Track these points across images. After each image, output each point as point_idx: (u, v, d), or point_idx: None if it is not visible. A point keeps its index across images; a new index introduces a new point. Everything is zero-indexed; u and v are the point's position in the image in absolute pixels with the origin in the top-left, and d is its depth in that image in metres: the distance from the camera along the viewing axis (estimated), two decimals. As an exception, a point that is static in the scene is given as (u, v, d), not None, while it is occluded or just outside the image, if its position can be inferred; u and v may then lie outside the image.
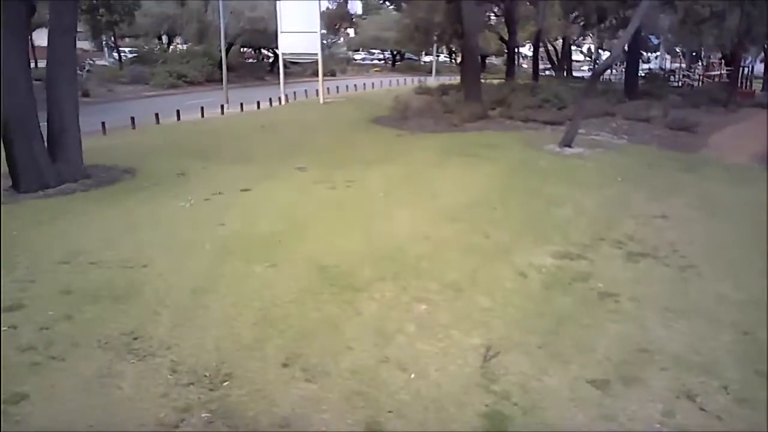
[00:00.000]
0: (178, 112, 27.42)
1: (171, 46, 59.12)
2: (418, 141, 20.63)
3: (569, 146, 18.85)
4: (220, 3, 34.02)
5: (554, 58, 68.91)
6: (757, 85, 50.04)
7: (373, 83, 46.51)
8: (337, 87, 39.54)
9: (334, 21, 31.96)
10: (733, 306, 9.15)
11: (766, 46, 46.05)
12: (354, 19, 71.99)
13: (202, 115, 28.46)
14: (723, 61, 50.76)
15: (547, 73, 72.87)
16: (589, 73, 67.13)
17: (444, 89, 35.46)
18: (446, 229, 11.45)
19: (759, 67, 55.70)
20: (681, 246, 11.48)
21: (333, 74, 58.80)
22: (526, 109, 25.09)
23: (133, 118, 24.87)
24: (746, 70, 44.92)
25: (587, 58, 79.51)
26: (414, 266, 9.63)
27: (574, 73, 74.53)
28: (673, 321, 8.62)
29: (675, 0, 26.05)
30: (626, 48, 28.12)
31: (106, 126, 23.75)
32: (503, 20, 44.79)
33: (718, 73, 46.31)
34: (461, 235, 11.17)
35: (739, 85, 39.75)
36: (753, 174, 17.41)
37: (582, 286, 9.62)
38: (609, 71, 40.84)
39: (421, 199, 13.25)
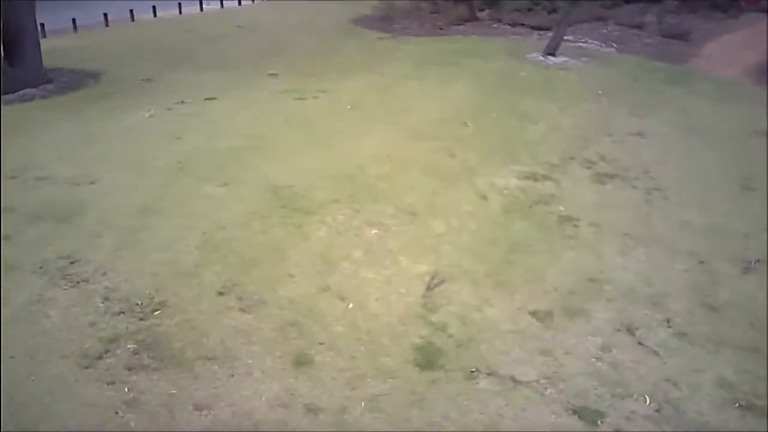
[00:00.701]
0: (153, 8, 26.18)
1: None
2: (399, 46, 19.81)
3: (553, 55, 18.12)
4: None
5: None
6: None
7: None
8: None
9: None
10: (695, 233, 9.01)
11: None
12: None
13: (180, 12, 27.24)
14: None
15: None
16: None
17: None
18: (412, 148, 11.11)
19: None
20: (653, 167, 11.22)
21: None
22: (515, 12, 23.98)
23: (105, 14, 23.74)
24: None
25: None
26: (371, 188, 9.38)
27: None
28: (630, 249, 8.51)
29: None
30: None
31: (78, 23, 22.69)
32: None
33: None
34: (426, 155, 10.85)
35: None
36: (740, 89, 16.87)
37: (542, 209, 9.43)
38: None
39: (390, 114, 12.80)
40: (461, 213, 8.98)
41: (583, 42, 20.77)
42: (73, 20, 22.58)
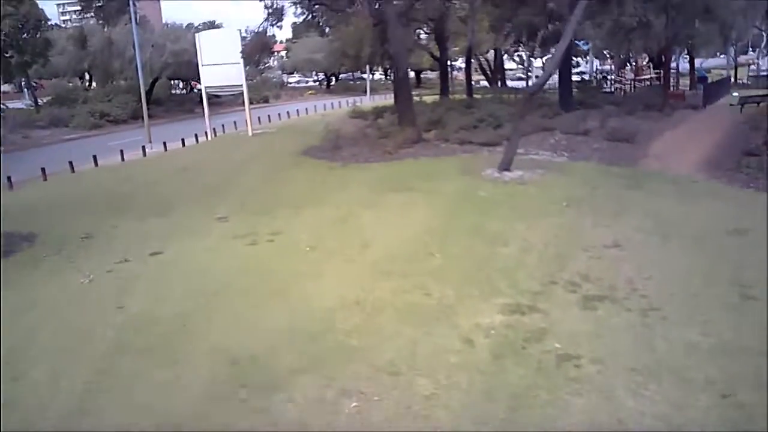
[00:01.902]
0: (94, 157, 25.38)
1: (92, 85, 56.46)
2: (351, 174, 19.31)
3: (508, 170, 17.84)
4: (135, 36, 32.22)
5: (487, 70, 68.94)
6: (683, 83, 50.94)
7: (306, 108, 45.08)
8: (269, 115, 37.95)
9: (256, 49, 30.43)
10: (705, 358, 8.07)
11: (689, 47, 46.79)
12: (283, 44, 70.65)
13: (122, 159, 26.54)
14: (651, 63, 51.43)
15: (482, 83, 72.97)
16: (524, 83, 67.74)
17: (378, 112, 34.32)
18: (381, 288, 10.12)
19: (683, 64, 56.84)
20: (640, 282, 10.44)
21: (266, 100, 57.21)
22: (461, 131, 24.09)
23: (43, 169, 22.81)
24: (671, 70, 45.41)
25: (520, 66, 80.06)
26: (342, 346, 8.25)
27: (509, 83, 74.91)
28: (641, 387, 7.48)
29: (603, 15, 25.70)
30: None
31: (14, 179, 21.66)
32: (434, 38, 44.15)
33: (648, 76, 46.73)
34: (398, 295, 9.85)
35: (668, 83, 40.03)
36: (697, 186, 16.73)
37: (537, 349, 8.41)
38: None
39: (352, 251, 11.90)
40: (448, 366, 7.88)
41: (535, 154, 20.73)
42: (9, 178, 21.58)
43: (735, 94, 43.99)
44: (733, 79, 58.17)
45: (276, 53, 71.53)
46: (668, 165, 19.24)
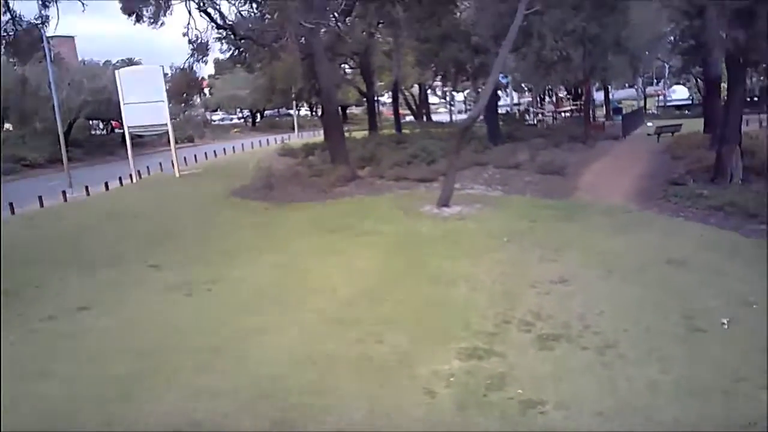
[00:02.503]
0: (11, 205, 23.66)
1: (4, 126, 53.53)
2: (287, 215, 18.75)
3: (447, 206, 17.78)
4: (50, 74, 30.74)
5: (413, 105, 69.98)
6: (599, 113, 53.11)
7: (233, 147, 44.13)
8: (195, 155, 36.82)
9: (181, 87, 29.56)
10: (668, 397, 7.98)
11: (604, 79, 48.87)
12: (206, 81, 69.40)
13: (41, 205, 24.89)
14: (570, 95, 53.50)
15: (408, 119, 73.91)
16: (447, 117, 69.09)
17: (309, 149, 33.83)
18: (333, 339, 9.63)
19: (597, 96, 59.38)
20: (591, 318, 10.38)
21: (191, 140, 55.67)
22: (395, 167, 23.98)
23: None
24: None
25: (442, 100, 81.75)
26: (297, 411, 7.69)
27: (433, 117, 76.24)
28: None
29: (525, 48, 26.37)
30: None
31: None
32: (359, 72, 44.41)
33: (569, 108, 48.48)
34: (352, 346, 9.38)
35: (589, 115, 41.59)
36: (631, 217, 17.12)
37: (499, 395, 8.11)
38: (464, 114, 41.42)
39: (298, 300, 11.36)
40: (411, 422, 7.46)
41: (470, 188, 20.81)
42: None
43: (650, 124, 46.19)
44: (643, 108, 61.22)
45: (194, 94, 70.23)
46: (600, 196, 19.67)
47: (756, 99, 49.47)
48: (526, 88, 66.12)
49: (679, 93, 70.92)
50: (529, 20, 25.10)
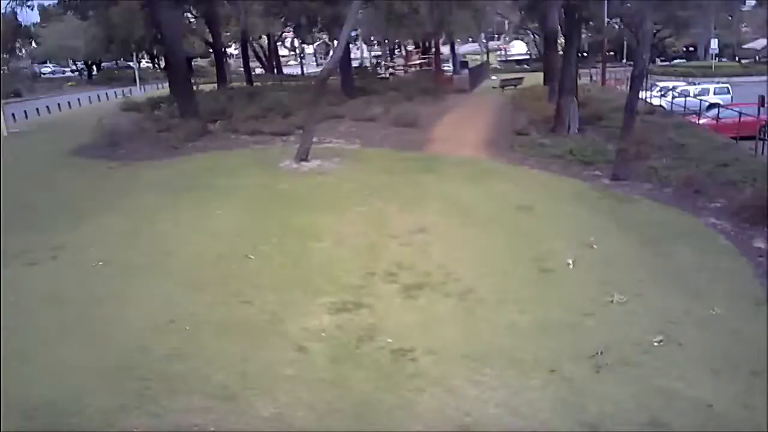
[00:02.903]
0: None
1: None
2: (135, 174, 17.54)
3: (306, 160, 17.50)
4: None
5: (262, 57, 67.94)
6: (446, 67, 54.67)
7: (69, 102, 40.38)
8: (25, 111, 33.31)
9: (7, 36, 26.29)
10: (526, 336, 8.54)
11: (450, 33, 50.19)
12: (32, 29, 62.66)
13: None
14: (419, 49, 54.38)
15: (258, 71, 71.66)
16: (298, 70, 67.86)
17: (154, 103, 31.74)
18: (196, 303, 9.24)
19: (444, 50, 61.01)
20: (452, 266, 10.77)
21: (18, 94, 50.29)
22: (249, 120, 23.17)
23: None
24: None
25: (292, 53, 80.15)
26: (164, 375, 7.35)
27: (284, 70, 74.57)
28: (477, 373, 7.68)
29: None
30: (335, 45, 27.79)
31: None
32: (204, 21, 42.10)
33: (418, 62, 49.29)
34: (217, 308, 9.08)
35: (438, 69, 42.67)
36: (483, 167, 17.86)
37: (371, 347, 8.26)
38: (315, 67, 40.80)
39: (154, 262, 10.74)
40: (285, 380, 7.40)
41: (328, 142, 20.63)
42: None
43: (494, 77, 48.36)
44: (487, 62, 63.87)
45: (28, 40, 63.23)
46: (452, 148, 20.30)
47: (586, 54, 53.27)
48: (375, 42, 66.45)
49: (518, 48, 74.83)
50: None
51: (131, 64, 61.20)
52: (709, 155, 16.91)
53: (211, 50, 47.24)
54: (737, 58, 65.26)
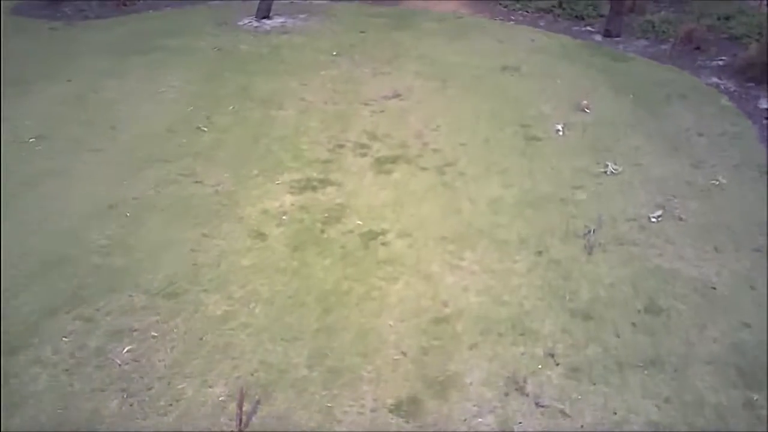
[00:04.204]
0: None
1: None
2: (80, 36, 15.68)
3: (268, 17, 15.72)
4: None
5: None
6: None
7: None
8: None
9: None
10: (511, 213, 7.70)
11: None
12: None
13: None
14: None
15: None
16: None
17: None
18: (140, 181, 8.20)
19: None
20: (429, 135, 9.73)
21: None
22: (207, -26, 20.90)
23: None
24: None
25: None
26: (101, 269, 6.46)
27: None
28: (457, 258, 6.91)
29: None
30: None
31: None
32: None
33: None
34: (163, 189, 8.05)
35: None
36: (467, 23, 16.25)
37: (338, 230, 7.39)
38: None
39: (95, 136, 9.52)
40: (240, 272, 6.55)
41: (293, -4, 18.68)
42: None
43: None
44: None
45: None
46: (431, 1, 18.50)
47: None
48: None
49: None
50: None
51: None
52: (710, 8, 15.39)
53: None
54: None
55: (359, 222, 7.51)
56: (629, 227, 7.41)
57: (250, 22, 15.71)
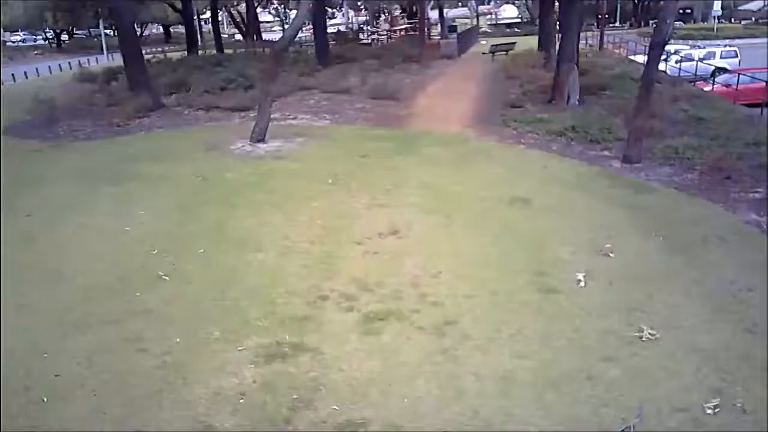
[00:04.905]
0: None
1: None
2: (61, 158, 14.83)
3: (263, 141, 14.90)
4: None
5: (240, 23, 64.59)
6: (434, 32, 51.79)
7: (25, 72, 37.27)
8: (-27, 82, 30.32)
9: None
10: (526, 395, 6.14)
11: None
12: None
13: None
14: (405, 14, 51.37)
15: (237, 37, 68.13)
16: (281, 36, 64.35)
17: (111, 74, 28.92)
18: (69, 353, 6.72)
19: (431, 14, 57.88)
20: (428, 283, 8.35)
21: (-26, 64, 46.98)
22: (206, 94, 20.47)
23: None
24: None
25: (276, 18, 76.61)
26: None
27: (265, 36, 71.10)
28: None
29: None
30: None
31: None
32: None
33: (403, 27, 46.32)
34: (99, 360, 6.58)
35: (424, 34, 39.76)
36: (471, 146, 15.31)
37: (308, 420, 5.80)
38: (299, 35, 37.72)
39: (31, 289, 8.17)
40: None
41: (293, 118, 18.02)
42: None
43: (483, 42, 45.52)
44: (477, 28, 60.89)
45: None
46: (436, 123, 17.75)
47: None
48: (362, 7, 63.25)
49: (509, 12, 71.58)
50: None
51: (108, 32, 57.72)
52: (734, 131, 14.41)
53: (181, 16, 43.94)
54: (732, 20, 62.60)
55: (335, 407, 5.95)
56: (679, 421, 5.78)
57: (243, 146, 14.88)
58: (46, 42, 72.37)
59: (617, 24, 64.00)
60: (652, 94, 13.68)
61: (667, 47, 13.75)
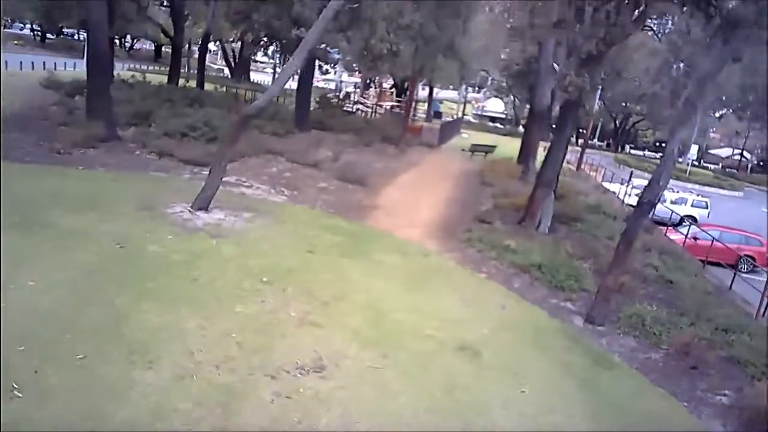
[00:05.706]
0: None
1: None
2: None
3: (206, 209, 13.39)
4: None
5: (231, 61, 63.93)
6: (421, 109, 51.60)
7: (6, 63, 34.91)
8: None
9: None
10: None
11: (430, 79, 47.05)
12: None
13: None
14: (394, 89, 51.22)
15: (227, 72, 67.20)
16: (271, 79, 63.58)
17: (78, 86, 26.98)
18: None
19: (420, 92, 58.01)
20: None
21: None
22: (164, 138, 18.98)
23: None
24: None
25: (271, 60, 76.25)
26: None
27: (256, 76, 70.49)
28: None
29: (352, 32, 22.95)
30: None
31: None
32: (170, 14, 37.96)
33: (391, 103, 45.99)
34: None
35: (409, 116, 39.33)
36: (429, 264, 14.06)
37: None
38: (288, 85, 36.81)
39: None
40: None
41: (248, 186, 16.63)
42: None
43: (465, 135, 45.33)
44: (461, 114, 61.21)
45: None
46: (399, 224, 16.54)
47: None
48: (357, 69, 63.19)
49: (495, 106, 72.30)
50: (363, 4, 21.54)
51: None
52: (704, 307, 13.46)
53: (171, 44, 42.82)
54: (701, 161, 64.35)
55: None
56: None
57: (182, 211, 13.39)
58: (32, 33, 70.24)
59: (595, 141, 65.07)
60: (630, 253, 12.71)
61: (643, 181, 13.24)
